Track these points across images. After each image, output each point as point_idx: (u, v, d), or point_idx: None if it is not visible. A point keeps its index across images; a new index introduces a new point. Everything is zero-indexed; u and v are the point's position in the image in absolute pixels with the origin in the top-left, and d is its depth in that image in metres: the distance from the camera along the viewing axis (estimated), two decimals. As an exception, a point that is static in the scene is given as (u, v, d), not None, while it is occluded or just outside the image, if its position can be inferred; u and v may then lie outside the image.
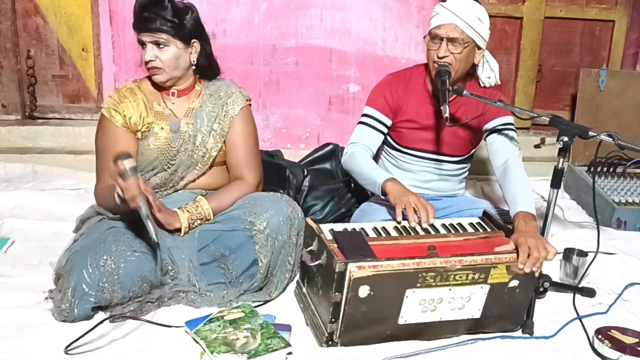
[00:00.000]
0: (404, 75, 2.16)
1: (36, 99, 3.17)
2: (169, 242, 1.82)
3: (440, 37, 1.96)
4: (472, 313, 1.63)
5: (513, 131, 2.08)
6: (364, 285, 1.48)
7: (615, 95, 3.15)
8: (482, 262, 1.56)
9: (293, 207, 1.88)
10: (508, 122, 2.08)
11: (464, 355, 1.58)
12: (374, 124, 2.12)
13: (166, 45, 1.83)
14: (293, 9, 3.03)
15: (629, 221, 2.64)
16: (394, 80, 2.15)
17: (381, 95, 2.13)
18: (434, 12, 2.00)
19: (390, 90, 2.12)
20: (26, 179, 2.82)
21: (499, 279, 1.59)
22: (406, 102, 2.11)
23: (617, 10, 3.42)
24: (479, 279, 1.57)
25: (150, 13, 1.80)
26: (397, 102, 2.12)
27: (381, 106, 2.12)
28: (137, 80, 1.98)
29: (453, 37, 1.95)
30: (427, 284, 1.54)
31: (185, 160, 1.92)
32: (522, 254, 1.59)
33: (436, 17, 1.98)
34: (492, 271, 1.57)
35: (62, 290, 1.67)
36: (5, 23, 3.03)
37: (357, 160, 2.05)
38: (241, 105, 1.98)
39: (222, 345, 1.51)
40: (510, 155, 1.99)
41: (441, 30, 1.96)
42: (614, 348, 1.59)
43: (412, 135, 2.14)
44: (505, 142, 2.04)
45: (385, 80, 2.19)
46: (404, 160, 2.19)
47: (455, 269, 1.54)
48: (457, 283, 1.56)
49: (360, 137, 2.12)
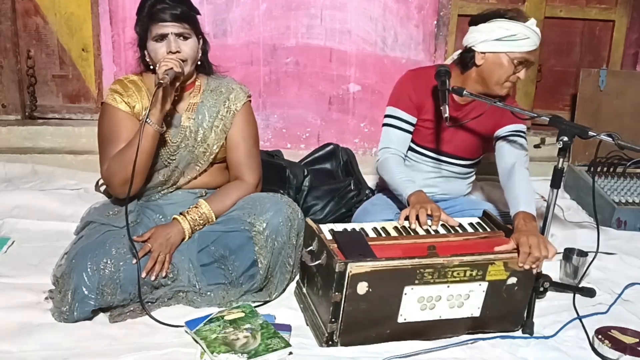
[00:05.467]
0: (425, 72, 2.12)
1: (36, 99, 3.17)
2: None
3: (527, 62, 1.97)
4: (471, 311, 1.63)
5: (523, 139, 2.08)
6: (362, 282, 1.49)
7: (615, 95, 3.15)
8: (480, 259, 1.57)
9: (293, 208, 1.88)
10: (520, 129, 2.09)
11: (464, 355, 1.59)
12: (401, 125, 2.11)
13: (189, 36, 1.82)
14: (293, 9, 3.03)
15: (629, 221, 2.64)
16: (415, 77, 2.13)
17: (405, 94, 2.11)
18: (523, 35, 1.92)
19: (413, 88, 2.10)
20: (26, 179, 2.82)
21: (497, 275, 1.60)
22: (427, 101, 2.11)
23: (617, 10, 3.42)
24: (476, 275, 1.58)
25: (174, 2, 1.79)
26: (419, 99, 2.10)
27: (405, 105, 2.10)
28: (138, 74, 1.96)
29: (533, 61, 1.99)
30: (425, 280, 1.55)
31: (186, 155, 1.92)
32: (522, 252, 1.60)
33: (527, 41, 1.93)
34: (490, 268, 1.58)
35: (62, 292, 1.67)
36: (5, 23, 3.03)
37: (388, 168, 2.06)
38: (243, 101, 1.98)
39: (222, 345, 1.51)
40: (517, 160, 1.99)
41: (531, 56, 1.96)
42: (614, 348, 1.59)
43: (428, 134, 2.14)
44: (513, 147, 2.04)
45: (406, 77, 2.16)
46: (416, 159, 2.19)
47: (452, 265, 1.55)
48: (455, 280, 1.57)
49: (389, 140, 2.11)
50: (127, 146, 1.78)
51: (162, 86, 1.68)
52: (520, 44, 1.93)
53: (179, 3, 1.80)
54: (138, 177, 1.79)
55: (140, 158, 1.71)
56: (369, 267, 1.49)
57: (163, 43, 1.79)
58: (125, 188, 1.71)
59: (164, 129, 1.81)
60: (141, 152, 1.70)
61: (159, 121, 1.77)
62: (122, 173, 1.77)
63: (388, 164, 2.07)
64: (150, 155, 1.80)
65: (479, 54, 2.00)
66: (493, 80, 2.00)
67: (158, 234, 1.79)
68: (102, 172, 1.85)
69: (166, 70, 1.70)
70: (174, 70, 1.72)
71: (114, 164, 1.79)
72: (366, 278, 1.49)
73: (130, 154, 1.71)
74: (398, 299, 1.55)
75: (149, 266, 1.72)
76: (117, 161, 1.78)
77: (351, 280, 1.48)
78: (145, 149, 1.75)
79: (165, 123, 1.84)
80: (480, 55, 2.00)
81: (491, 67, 1.99)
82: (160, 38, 1.79)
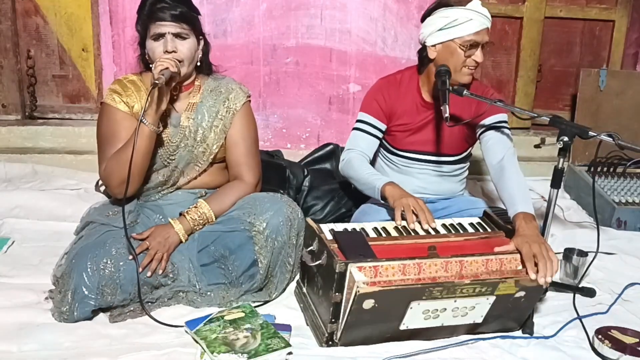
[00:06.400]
0: (395, 78, 2.15)
1: (36, 99, 3.17)
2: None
3: (477, 43, 1.95)
4: (474, 319, 1.62)
5: (507, 129, 2.07)
6: (369, 299, 1.46)
7: (615, 95, 3.15)
8: (492, 279, 1.53)
9: (293, 207, 1.88)
10: (502, 119, 2.07)
11: (464, 355, 1.58)
12: (368, 130, 2.12)
13: (187, 37, 1.82)
14: (293, 9, 3.03)
15: (629, 221, 2.64)
16: (385, 85, 2.14)
17: (374, 101, 2.12)
18: (464, 18, 1.91)
19: (383, 95, 2.11)
20: (26, 179, 2.82)
21: (506, 291, 1.57)
22: (399, 106, 2.11)
23: (617, 10, 3.42)
24: (486, 291, 1.55)
25: (174, 2, 1.79)
26: (390, 106, 2.11)
27: (375, 112, 2.11)
28: (137, 73, 1.96)
29: (487, 40, 1.96)
30: (433, 296, 1.52)
31: (185, 155, 1.92)
32: (529, 264, 1.57)
33: (470, 23, 1.91)
34: (500, 285, 1.55)
35: (62, 292, 1.67)
36: (5, 23, 3.03)
37: (354, 166, 2.05)
38: (242, 101, 1.98)
39: (222, 345, 1.51)
40: (505, 154, 1.98)
41: (479, 37, 1.93)
42: (614, 348, 1.59)
43: (407, 138, 2.14)
44: (499, 141, 2.03)
45: (377, 85, 2.18)
46: (402, 163, 2.18)
47: (463, 285, 1.51)
48: (464, 295, 1.54)
49: (355, 143, 2.12)
50: (124, 146, 1.78)
51: (157, 86, 1.68)
52: (464, 28, 1.92)
53: (179, 3, 1.80)
54: (135, 177, 1.79)
55: (137, 158, 1.72)
56: (378, 287, 1.44)
57: (160, 42, 1.80)
58: (123, 188, 1.72)
59: (160, 129, 1.81)
60: (137, 152, 1.70)
61: (154, 121, 1.77)
62: (119, 173, 1.77)
63: (352, 163, 2.06)
64: (147, 156, 1.80)
65: (430, 48, 2.00)
66: (450, 70, 1.98)
67: (157, 233, 1.80)
68: (100, 172, 1.86)
69: (161, 70, 1.70)
70: (170, 70, 1.72)
71: (111, 164, 1.80)
72: (374, 296, 1.46)
73: (126, 154, 1.72)
74: (402, 312, 1.53)
75: (145, 263, 1.72)
76: (114, 161, 1.79)
77: (358, 298, 1.44)
78: (141, 149, 1.75)
79: (164, 123, 1.84)
80: (431, 48, 2.00)
81: (444, 57, 1.98)
82: (158, 37, 1.80)
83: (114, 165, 1.79)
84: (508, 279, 1.55)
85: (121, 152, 1.78)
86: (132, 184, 1.75)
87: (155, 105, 1.75)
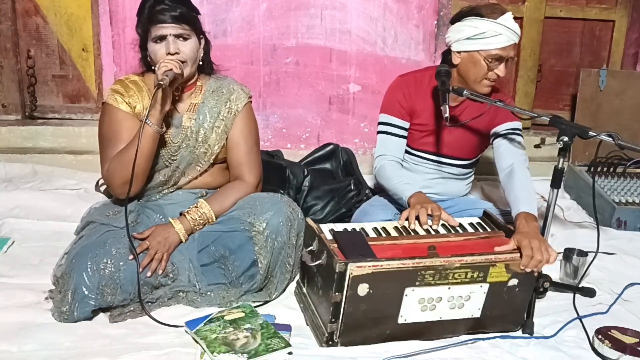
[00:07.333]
0: (414, 77, 2.15)
1: (36, 99, 3.17)
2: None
3: (502, 58, 1.95)
4: (472, 312, 1.63)
5: (520, 136, 2.08)
6: (363, 283, 1.49)
7: (615, 95, 3.15)
8: (481, 261, 1.57)
9: (293, 208, 1.88)
10: (516, 127, 2.09)
11: (464, 355, 1.58)
12: (394, 131, 2.12)
13: (188, 37, 1.82)
14: (293, 9, 3.03)
15: (629, 221, 2.64)
16: (405, 83, 2.14)
17: (395, 101, 2.12)
18: (493, 32, 1.91)
19: (403, 93, 2.11)
20: (26, 179, 2.82)
21: (498, 277, 1.60)
22: (418, 105, 2.11)
23: (617, 10, 3.42)
24: (478, 277, 1.58)
25: (173, 3, 1.79)
26: (410, 104, 2.11)
27: (397, 111, 2.11)
28: (139, 74, 1.96)
29: (512, 56, 1.97)
30: (427, 282, 1.54)
31: (187, 156, 1.92)
32: (525, 256, 1.60)
33: (498, 38, 1.91)
34: (491, 270, 1.58)
35: (62, 292, 1.67)
36: (5, 23, 3.03)
37: (386, 175, 2.07)
38: (244, 102, 1.98)
39: (222, 345, 1.51)
40: (516, 160, 1.99)
41: (505, 52, 1.94)
42: (614, 348, 1.59)
43: (422, 138, 2.15)
44: (511, 147, 2.04)
45: (396, 83, 2.17)
46: (412, 161, 2.19)
47: (453, 267, 1.54)
48: (456, 281, 1.57)
49: (384, 148, 2.12)
50: (127, 147, 1.78)
51: (161, 87, 1.68)
52: (491, 42, 1.93)
53: (178, 4, 1.80)
54: (138, 177, 1.79)
55: (140, 159, 1.72)
56: (369, 268, 1.49)
57: (162, 44, 1.79)
58: (126, 188, 1.72)
59: (163, 130, 1.81)
60: (141, 153, 1.71)
61: (158, 122, 1.77)
62: (122, 174, 1.77)
63: (385, 171, 2.08)
64: (150, 156, 1.80)
65: (455, 54, 2.01)
66: (471, 79, 2.00)
67: (157, 233, 1.80)
68: (102, 172, 1.85)
69: (165, 72, 1.70)
70: (173, 72, 1.72)
71: (114, 164, 1.80)
72: (367, 279, 1.49)
73: (130, 154, 1.72)
74: (398, 300, 1.55)
75: (145, 262, 1.73)
76: (117, 162, 1.79)
77: (352, 281, 1.48)
78: (145, 150, 1.75)
79: (166, 123, 1.84)
80: (456, 54, 2.01)
81: (467, 65, 1.99)
82: (160, 39, 1.80)
83: (117, 166, 1.79)
84: (498, 263, 1.58)
85: (124, 152, 1.78)
86: (135, 184, 1.75)
87: (159, 106, 1.75)
